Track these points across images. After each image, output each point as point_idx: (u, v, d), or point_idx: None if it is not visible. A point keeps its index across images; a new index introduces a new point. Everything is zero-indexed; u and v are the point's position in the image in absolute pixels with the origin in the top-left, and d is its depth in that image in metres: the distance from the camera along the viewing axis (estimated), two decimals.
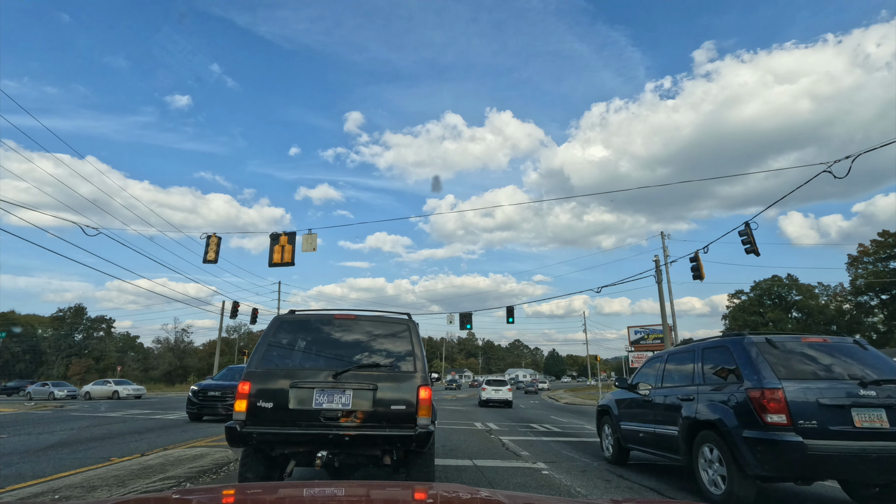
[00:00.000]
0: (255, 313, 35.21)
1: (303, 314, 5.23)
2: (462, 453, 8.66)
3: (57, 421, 14.86)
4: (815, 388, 4.85)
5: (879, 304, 61.99)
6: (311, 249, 16.88)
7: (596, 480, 6.51)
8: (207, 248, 17.24)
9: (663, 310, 37.15)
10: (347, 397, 4.46)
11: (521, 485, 6.18)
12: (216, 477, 6.29)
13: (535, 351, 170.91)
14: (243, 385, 4.45)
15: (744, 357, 5.33)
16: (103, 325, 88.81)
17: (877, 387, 4.84)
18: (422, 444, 4.39)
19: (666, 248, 36.71)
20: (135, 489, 5.14)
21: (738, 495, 4.92)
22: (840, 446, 4.59)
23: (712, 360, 5.95)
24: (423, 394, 4.55)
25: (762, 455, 4.74)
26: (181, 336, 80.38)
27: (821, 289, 75.97)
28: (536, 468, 7.29)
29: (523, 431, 13.10)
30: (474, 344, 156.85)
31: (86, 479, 5.56)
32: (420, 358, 4.80)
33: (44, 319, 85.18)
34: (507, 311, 30.04)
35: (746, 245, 16.25)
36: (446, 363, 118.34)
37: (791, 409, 4.73)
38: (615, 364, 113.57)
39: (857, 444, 4.59)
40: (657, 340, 45.49)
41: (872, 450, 4.58)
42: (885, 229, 59.08)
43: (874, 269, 59.89)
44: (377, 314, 5.32)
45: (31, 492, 5.17)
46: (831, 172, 12.73)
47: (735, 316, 79.26)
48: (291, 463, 4.62)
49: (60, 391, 34.70)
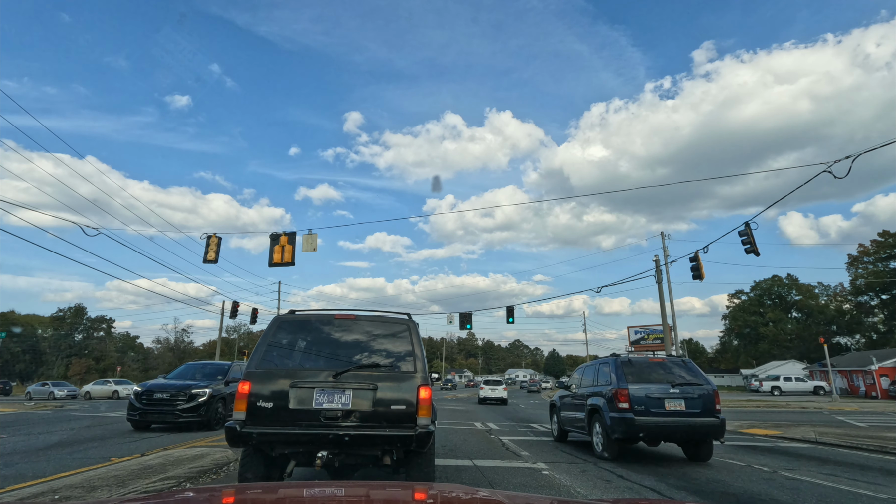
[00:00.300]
0: (255, 313, 35.21)
1: (303, 314, 5.23)
2: (462, 453, 8.66)
3: (57, 421, 14.86)
4: (646, 387, 8.27)
5: (879, 304, 61.95)
6: (311, 249, 16.88)
7: (596, 480, 6.51)
8: (207, 248, 17.24)
9: (663, 310, 37.16)
10: (347, 397, 4.46)
11: (521, 485, 6.18)
12: (216, 477, 6.29)
13: (535, 351, 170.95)
14: (243, 385, 4.45)
15: (614, 370, 8.72)
16: (103, 325, 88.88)
17: (680, 387, 8.31)
18: (422, 444, 4.39)
19: (666, 248, 36.73)
20: (135, 489, 5.14)
21: (609, 450, 8.34)
22: (655, 420, 8.05)
23: (603, 371, 9.23)
24: (424, 394, 4.55)
25: (617, 426, 8.10)
26: (181, 336, 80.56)
27: (821, 289, 75.97)
28: (536, 468, 7.30)
29: (523, 431, 13.10)
30: (474, 344, 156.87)
31: (86, 479, 5.56)
32: (420, 358, 4.80)
33: (44, 319, 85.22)
34: (507, 311, 30.03)
35: (746, 245, 16.25)
36: (446, 363, 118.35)
37: (631, 400, 8.14)
38: None
39: (665, 420, 8.08)
40: (657, 340, 45.50)
41: (673, 423, 8.09)
42: (885, 229, 59.14)
43: (874, 269, 59.84)
44: (377, 314, 5.32)
45: (31, 492, 5.16)
46: (831, 172, 12.73)
47: (735, 316, 79.29)
48: (291, 463, 4.61)
49: (60, 391, 34.72)
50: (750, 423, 15.92)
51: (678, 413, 8.11)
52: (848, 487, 6.22)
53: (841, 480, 6.69)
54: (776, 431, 12.78)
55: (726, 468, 7.64)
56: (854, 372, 44.18)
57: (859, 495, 5.80)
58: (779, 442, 11.30)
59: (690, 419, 8.09)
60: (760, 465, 7.97)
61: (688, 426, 8.09)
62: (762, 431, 12.98)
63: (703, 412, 8.15)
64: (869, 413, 21.94)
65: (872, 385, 40.84)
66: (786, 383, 45.60)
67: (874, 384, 40.51)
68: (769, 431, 12.88)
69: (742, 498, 5.67)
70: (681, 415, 8.10)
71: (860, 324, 65.88)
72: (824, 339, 36.83)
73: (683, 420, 8.08)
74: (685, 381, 8.43)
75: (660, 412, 8.08)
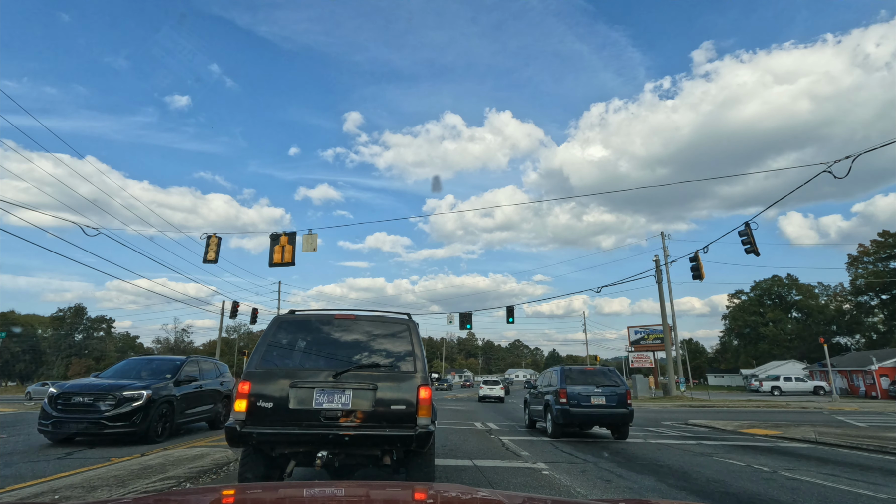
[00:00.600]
0: (255, 313, 35.21)
1: (303, 314, 5.23)
2: (462, 453, 8.66)
3: None
4: (580, 388, 11.41)
5: (879, 304, 61.91)
6: (311, 249, 16.88)
7: (596, 480, 6.51)
8: (207, 248, 17.24)
9: (663, 310, 37.06)
10: (347, 397, 4.45)
11: (521, 485, 6.18)
12: (216, 477, 6.28)
13: (535, 351, 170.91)
14: (243, 385, 4.45)
15: (559, 375, 11.96)
16: (103, 325, 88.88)
17: (603, 387, 11.46)
18: (422, 444, 4.38)
19: (666, 248, 36.63)
20: (135, 489, 5.14)
21: (555, 433, 11.36)
22: (584, 411, 11.19)
23: (553, 376, 12.46)
24: (423, 394, 4.55)
25: (559, 416, 11.16)
26: (181, 336, 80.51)
27: (821, 289, 75.94)
28: (536, 468, 7.29)
29: (523, 431, 13.10)
30: (474, 344, 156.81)
31: (86, 479, 5.56)
32: (420, 358, 4.80)
33: (44, 319, 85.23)
34: (507, 311, 30.04)
35: (746, 245, 16.25)
36: (446, 363, 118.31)
37: (569, 396, 11.23)
38: (615, 364, 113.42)
39: (592, 410, 11.21)
40: (657, 340, 45.43)
41: (597, 413, 11.22)
42: (884, 229, 59.10)
43: (874, 269, 59.80)
44: (377, 314, 5.31)
45: (31, 492, 5.16)
46: (831, 172, 12.73)
47: (735, 316, 79.27)
48: (291, 463, 4.61)
49: None
50: (750, 423, 15.92)
51: (600, 406, 11.30)
52: (848, 487, 6.22)
53: (841, 480, 6.69)
54: (776, 431, 12.78)
55: (726, 468, 7.64)
56: (854, 372, 44.16)
57: (859, 495, 5.80)
58: (779, 442, 11.30)
59: (609, 410, 11.26)
60: (760, 465, 7.97)
61: (607, 415, 11.29)
62: (762, 431, 12.98)
63: (618, 405, 11.26)
64: (869, 413, 21.94)
65: (872, 385, 40.83)
66: (786, 383, 45.59)
67: (874, 384, 40.50)
68: (769, 431, 12.87)
69: (742, 498, 5.66)
70: (602, 407, 11.30)
71: (860, 324, 65.84)
72: (824, 339, 36.80)
73: (604, 411, 11.29)
74: (606, 384, 11.57)
75: (588, 405, 11.28)
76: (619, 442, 11.00)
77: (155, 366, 10.98)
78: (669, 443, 10.94)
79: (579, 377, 11.81)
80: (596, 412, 11.24)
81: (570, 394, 11.23)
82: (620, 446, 10.20)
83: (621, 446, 10.21)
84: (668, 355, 36.02)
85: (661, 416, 19.74)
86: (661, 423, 16.24)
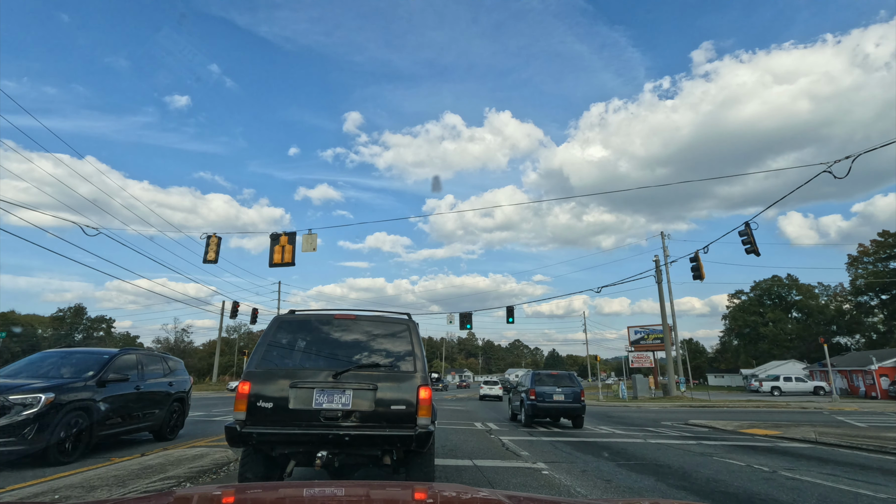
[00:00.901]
0: (255, 313, 35.22)
1: (303, 314, 5.23)
2: (462, 453, 8.66)
3: None
4: (545, 388, 14.90)
5: (879, 304, 61.89)
6: (311, 249, 16.88)
7: (596, 480, 6.51)
8: (207, 248, 17.24)
9: (663, 310, 37.04)
10: (347, 397, 4.45)
11: (521, 485, 6.18)
12: (216, 477, 6.28)
13: (535, 351, 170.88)
14: (243, 385, 4.45)
15: (531, 377, 15.71)
16: (103, 325, 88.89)
17: (562, 387, 14.95)
18: (422, 444, 4.38)
19: (666, 249, 36.60)
20: (135, 489, 5.14)
21: (527, 423, 15.03)
22: (548, 405, 14.75)
23: (527, 378, 16.02)
24: (423, 394, 4.55)
25: (530, 409, 14.71)
26: (181, 336, 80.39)
27: (821, 289, 75.90)
28: (536, 468, 7.30)
29: (523, 431, 13.11)
30: (474, 344, 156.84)
31: (86, 479, 5.56)
32: (420, 358, 4.80)
33: (44, 319, 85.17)
34: (507, 311, 30.04)
35: (746, 245, 16.25)
36: (446, 363, 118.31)
37: (537, 394, 14.80)
38: (615, 364, 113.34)
39: (554, 405, 14.76)
40: (657, 340, 45.43)
41: (558, 407, 14.79)
42: (884, 229, 59.07)
43: (874, 269, 59.79)
44: (377, 314, 5.31)
45: (31, 492, 5.16)
46: (831, 172, 12.73)
47: (735, 316, 79.22)
48: (291, 463, 4.61)
49: None
50: (750, 423, 15.92)
51: (560, 402, 14.70)
52: (848, 487, 6.23)
53: (841, 480, 6.69)
54: (776, 431, 12.78)
55: (726, 468, 7.64)
56: (854, 372, 44.15)
57: (859, 495, 5.80)
58: (779, 442, 11.30)
59: (566, 404, 14.66)
60: (760, 465, 7.97)
61: (565, 408, 14.71)
62: (762, 431, 12.98)
63: (574, 401, 14.66)
64: (869, 413, 21.94)
65: (872, 385, 40.82)
66: (786, 383, 45.58)
67: (874, 384, 40.49)
68: (769, 431, 12.88)
69: (742, 498, 5.66)
70: (561, 402, 14.70)
71: (860, 324, 65.83)
72: (824, 339, 36.81)
73: (563, 405, 14.69)
74: (566, 385, 14.99)
75: (551, 401, 14.71)
76: (619, 442, 11.01)
77: (75, 360, 8.47)
78: (669, 443, 10.94)
79: (546, 379, 15.23)
80: (557, 406, 14.67)
81: (538, 392, 14.76)
82: (621, 446, 10.21)
83: (622, 446, 10.21)
84: (668, 355, 36.02)
85: (661, 417, 19.75)
86: (661, 424, 16.25)
